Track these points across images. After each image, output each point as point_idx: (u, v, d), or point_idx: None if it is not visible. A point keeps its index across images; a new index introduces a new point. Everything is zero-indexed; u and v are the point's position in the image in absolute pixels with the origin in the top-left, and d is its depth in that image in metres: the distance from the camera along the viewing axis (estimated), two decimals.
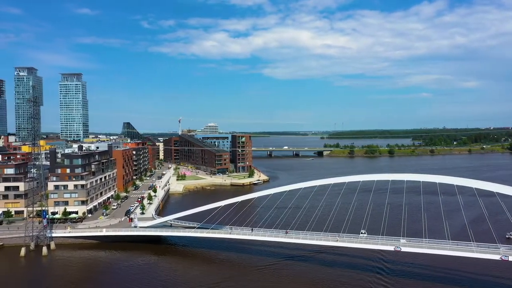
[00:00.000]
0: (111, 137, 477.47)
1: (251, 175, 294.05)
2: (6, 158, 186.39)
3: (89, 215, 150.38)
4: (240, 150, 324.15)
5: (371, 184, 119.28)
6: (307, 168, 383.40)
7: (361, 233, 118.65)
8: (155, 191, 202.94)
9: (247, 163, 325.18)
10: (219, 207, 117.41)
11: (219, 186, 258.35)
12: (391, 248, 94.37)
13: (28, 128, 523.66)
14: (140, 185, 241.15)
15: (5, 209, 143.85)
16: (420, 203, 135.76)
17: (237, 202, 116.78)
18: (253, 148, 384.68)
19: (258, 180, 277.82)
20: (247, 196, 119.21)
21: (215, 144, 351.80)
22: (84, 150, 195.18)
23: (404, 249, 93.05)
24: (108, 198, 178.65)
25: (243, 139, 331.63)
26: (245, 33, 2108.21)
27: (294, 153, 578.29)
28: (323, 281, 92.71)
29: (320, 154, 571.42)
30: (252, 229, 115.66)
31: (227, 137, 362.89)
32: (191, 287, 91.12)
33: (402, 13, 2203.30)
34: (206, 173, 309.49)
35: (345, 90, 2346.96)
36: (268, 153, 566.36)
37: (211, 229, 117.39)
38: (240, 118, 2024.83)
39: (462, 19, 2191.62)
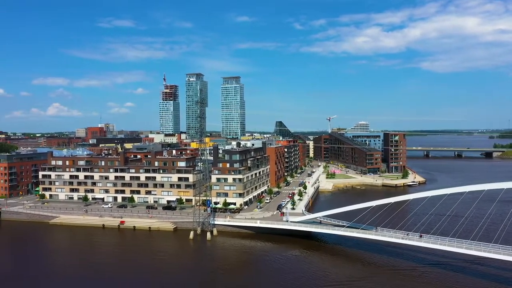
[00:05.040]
0: (265, 135, 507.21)
1: (405, 175, 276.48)
2: (179, 153, 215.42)
3: (245, 207, 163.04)
4: (393, 149, 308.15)
5: None
6: (471, 170, 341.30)
7: None
8: (305, 187, 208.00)
9: (401, 163, 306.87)
10: (369, 207, 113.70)
11: (369, 186, 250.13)
12: None
13: (196, 127, 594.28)
14: (291, 181, 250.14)
15: (178, 197, 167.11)
16: None
17: (389, 203, 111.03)
18: (407, 148, 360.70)
19: (413, 181, 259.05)
20: (400, 198, 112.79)
21: (366, 143, 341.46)
22: (241, 147, 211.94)
23: None
24: (262, 192, 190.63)
25: (396, 137, 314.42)
26: (400, 26, 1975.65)
27: (456, 153, 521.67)
28: None
29: (488, 155, 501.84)
30: (407, 233, 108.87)
31: (379, 136, 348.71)
32: (335, 280, 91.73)
33: None
34: (356, 172, 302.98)
35: None
36: (425, 153, 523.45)
37: (361, 229, 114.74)
38: (392, 115, 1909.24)
39: None
